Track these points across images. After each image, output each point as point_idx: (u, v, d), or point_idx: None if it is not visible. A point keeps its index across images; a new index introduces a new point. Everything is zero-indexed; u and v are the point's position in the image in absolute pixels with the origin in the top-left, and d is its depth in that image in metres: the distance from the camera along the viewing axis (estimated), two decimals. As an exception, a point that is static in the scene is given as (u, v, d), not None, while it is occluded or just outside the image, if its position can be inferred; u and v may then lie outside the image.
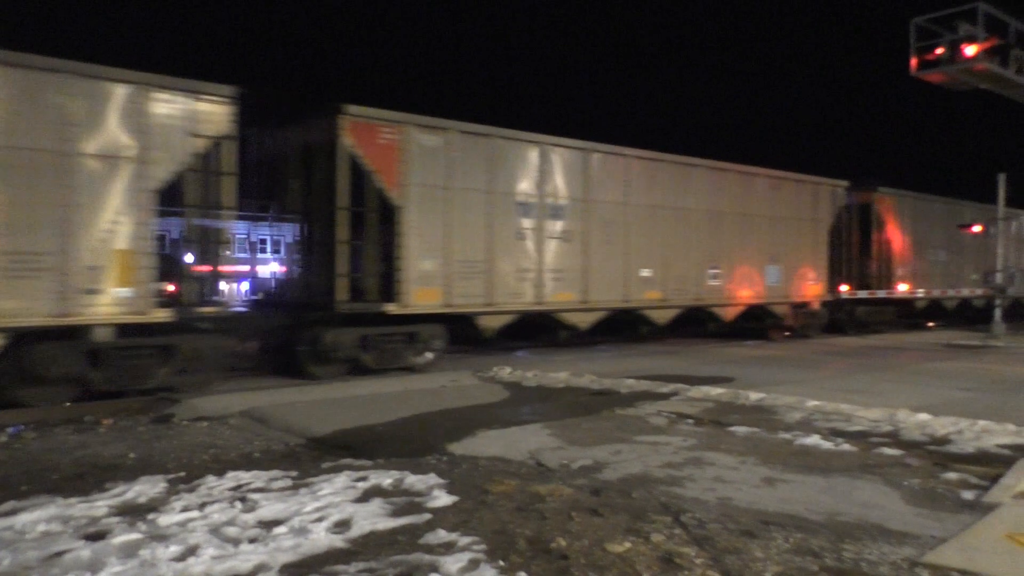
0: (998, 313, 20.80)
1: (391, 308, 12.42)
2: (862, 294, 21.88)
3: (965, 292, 25.24)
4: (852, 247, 22.32)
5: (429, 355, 13.06)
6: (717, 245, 17.60)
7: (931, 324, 24.96)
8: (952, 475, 6.06)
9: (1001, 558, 4.27)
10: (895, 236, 22.56)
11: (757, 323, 19.18)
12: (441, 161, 13.02)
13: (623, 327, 17.19)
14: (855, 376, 12.39)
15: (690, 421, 8.34)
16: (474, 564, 4.22)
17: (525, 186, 14.21)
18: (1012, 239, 25.17)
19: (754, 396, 9.70)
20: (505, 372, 12.25)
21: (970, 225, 23.44)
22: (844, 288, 21.55)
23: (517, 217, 14.03)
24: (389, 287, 12.61)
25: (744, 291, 18.21)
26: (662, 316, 16.69)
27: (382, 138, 12.36)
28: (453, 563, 4.21)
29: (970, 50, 15.41)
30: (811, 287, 19.93)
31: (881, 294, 22.17)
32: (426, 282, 12.72)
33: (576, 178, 14.97)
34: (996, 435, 7.45)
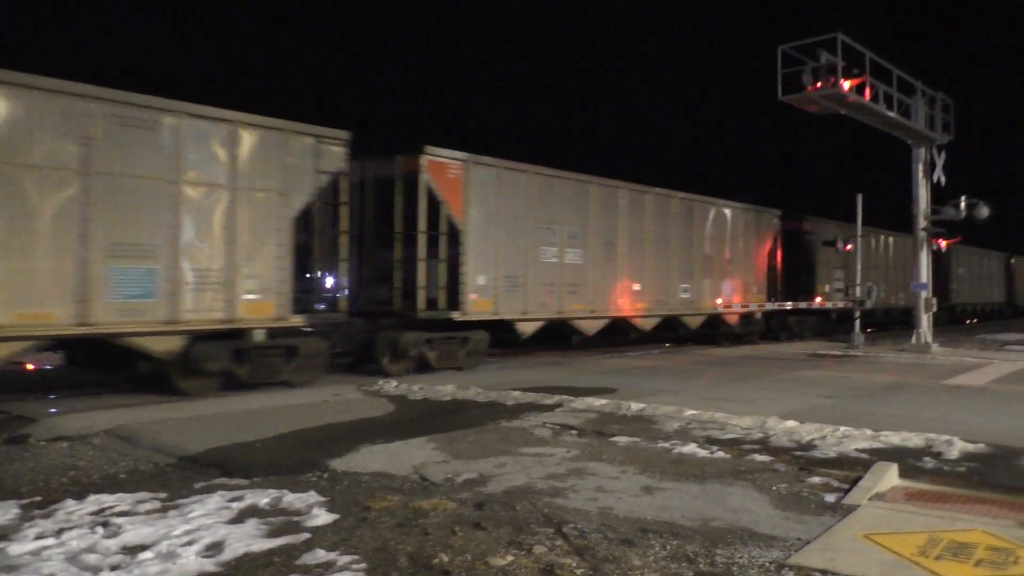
0: (857, 324, 22.27)
1: None
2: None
3: (617, 310, 18.24)
4: (371, 241, 14.77)
5: None
6: None
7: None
8: (816, 479, 6.40)
9: (858, 557, 4.53)
10: (472, 224, 14.88)
11: (122, 371, 11.33)
12: None
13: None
14: (729, 385, 12.92)
15: (574, 432, 8.47)
16: (353, 584, 4.12)
17: None
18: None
19: (635, 407, 9.95)
20: (390, 385, 12.09)
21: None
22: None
23: None
24: None
25: (35, 311, 9.43)
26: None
27: None
28: (331, 584, 4.10)
29: (847, 84, 16.62)
30: (251, 304, 11.56)
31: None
32: None
33: None
34: (855, 440, 7.94)
